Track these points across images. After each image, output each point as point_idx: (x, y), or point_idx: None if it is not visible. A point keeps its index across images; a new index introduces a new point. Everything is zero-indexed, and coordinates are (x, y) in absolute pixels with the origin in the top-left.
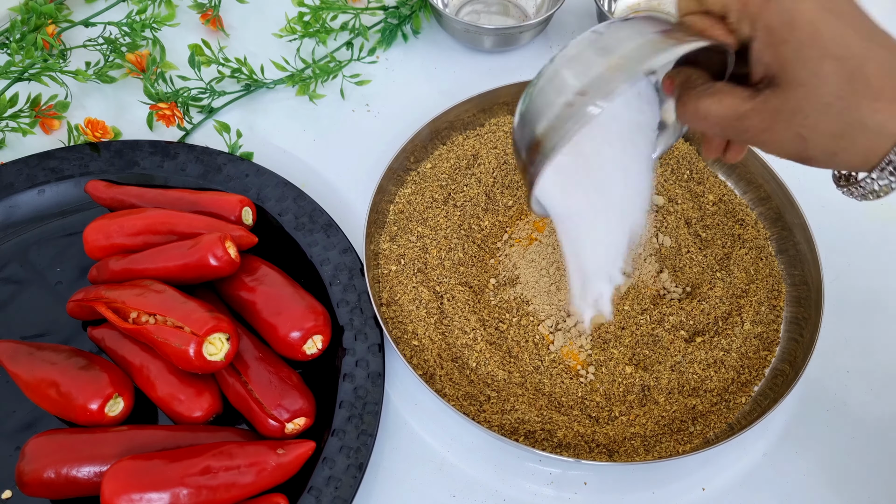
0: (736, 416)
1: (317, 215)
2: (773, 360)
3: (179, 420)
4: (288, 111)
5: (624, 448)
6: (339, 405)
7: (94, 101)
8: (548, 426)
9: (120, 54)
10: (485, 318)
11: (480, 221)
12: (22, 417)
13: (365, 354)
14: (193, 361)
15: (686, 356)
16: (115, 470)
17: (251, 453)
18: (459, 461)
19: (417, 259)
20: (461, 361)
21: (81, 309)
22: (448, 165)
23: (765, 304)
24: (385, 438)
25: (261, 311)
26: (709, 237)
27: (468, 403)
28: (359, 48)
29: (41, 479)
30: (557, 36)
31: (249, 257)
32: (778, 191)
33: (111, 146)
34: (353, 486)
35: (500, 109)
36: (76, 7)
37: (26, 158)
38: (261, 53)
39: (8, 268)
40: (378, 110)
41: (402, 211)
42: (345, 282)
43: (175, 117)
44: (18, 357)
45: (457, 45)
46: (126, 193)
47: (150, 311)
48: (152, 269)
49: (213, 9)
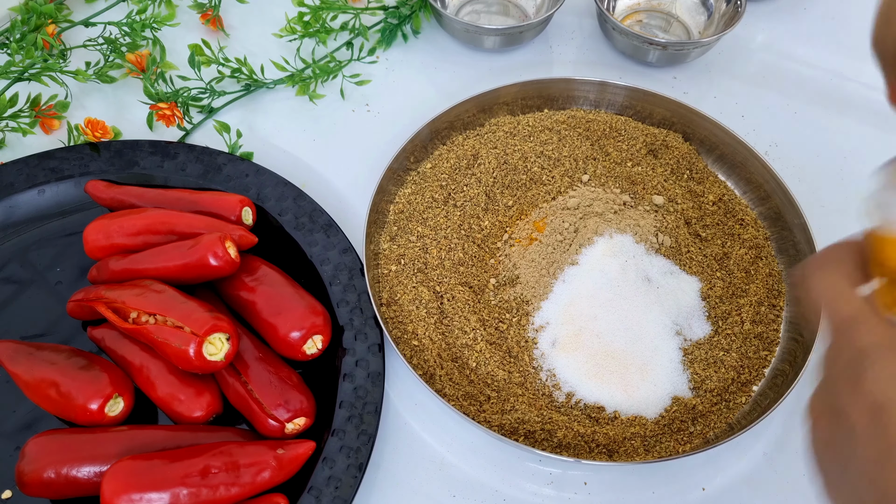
0: (736, 416)
1: (317, 215)
2: (773, 360)
3: (179, 420)
4: (288, 111)
5: (624, 448)
6: (339, 405)
7: (94, 101)
8: (548, 426)
9: (120, 54)
10: (485, 318)
11: (480, 221)
12: (22, 417)
13: (365, 354)
14: (193, 361)
15: (686, 355)
16: (115, 470)
17: (251, 453)
18: (459, 461)
19: (417, 259)
20: (461, 361)
21: (81, 309)
22: (448, 165)
23: (765, 303)
24: (385, 438)
25: (261, 311)
26: (708, 237)
27: (468, 403)
28: (359, 48)
29: (41, 479)
30: (557, 36)
31: (249, 257)
32: (778, 191)
33: (111, 146)
34: (353, 486)
35: (500, 109)
36: (76, 7)
37: (26, 158)
38: (261, 53)
39: (8, 268)
40: (378, 110)
41: (402, 211)
42: (345, 282)
43: (175, 117)
44: (18, 357)
45: (457, 45)
46: (126, 193)
47: (150, 311)
48: (152, 269)
49: (213, 9)
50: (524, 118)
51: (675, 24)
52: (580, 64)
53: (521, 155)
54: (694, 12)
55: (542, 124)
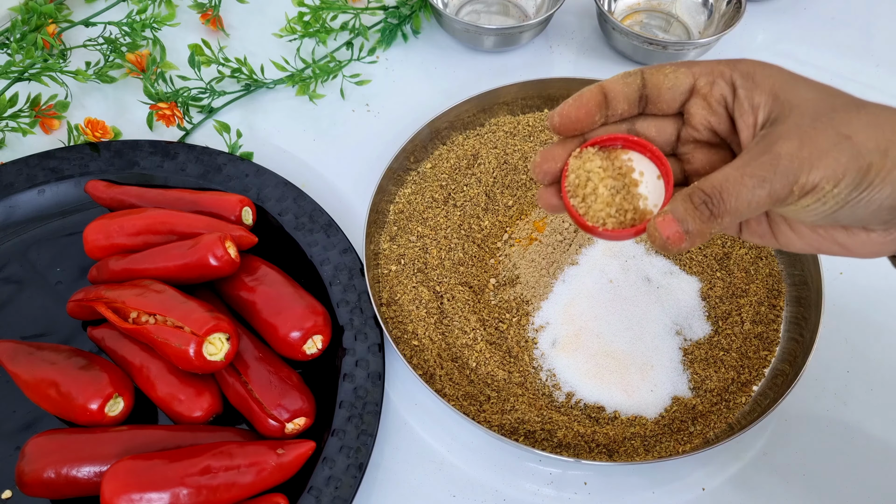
0: (736, 416)
1: (317, 215)
2: (773, 360)
3: (179, 420)
4: (288, 111)
5: (624, 448)
6: (339, 405)
7: (94, 101)
8: (548, 426)
9: (120, 54)
10: (485, 318)
11: (480, 221)
12: (22, 417)
13: (365, 354)
14: (193, 361)
15: (686, 355)
16: (115, 470)
17: (251, 453)
18: (459, 461)
19: (417, 259)
20: (461, 361)
21: (81, 309)
22: (448, 165)
23: (765, 303)
24: (385, 438)
25: (261, 311)
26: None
27: (468, 403)
28: (359, 48)
29: (41, 479)
30: (557, 36)
31: (249, 257)
32: None
33: (111, 146)
34: (353, 486)
35: (500, 109)
36: (76, 7)
37: (26, 158)
38: (261, 53)
39: (8, 268)
40: (378, 110)
41: (402, 211)
42: (345, 282)
43: (175, 117)
44: (18, 357)
45: (457, 45)
46: (126, 193)
47: (150, 310)
48: (152, 269)
49: (213, 9)
50: (524, 118)
51: (676, 24)
52: (580, 64)
53: (521, 155)
54: (694, 12)
55: (542, 124)
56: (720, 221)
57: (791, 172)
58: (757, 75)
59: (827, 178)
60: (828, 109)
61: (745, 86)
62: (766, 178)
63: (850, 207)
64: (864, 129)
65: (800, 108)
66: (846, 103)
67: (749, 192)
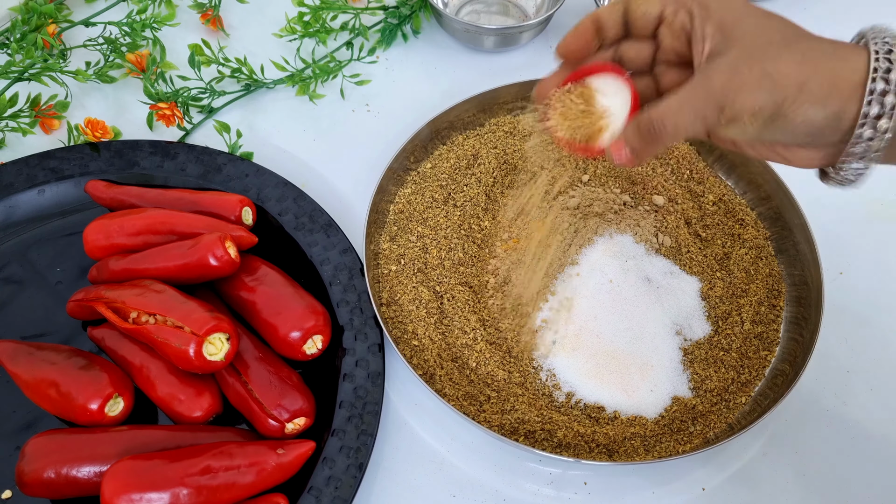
0: (736, 416)
1: (317, 215)
2: (773, 360)
3: (179, 420)
4: (288, 111)
5: (624, 448)
6: (339, 405)
7: (94, 101)
8: (548, 426)
9: (120, 54)
10: (485, 318)
11: (480, 221)
12: (22, 417)
13: (365, 354)
14: (193, 361)
15: (686, 355)
16: (115, 470)
17: (251, 453)
18: (459, 461)
19: (417, 259)
20: (461, 361)
21: (81, 309)
22: (448, 165)
23: (765, 303)
24: (385, 438)
25: (261, 311)
26: (709, 237)
27: (468, 403)
28: (359, 48)
29: (41, 479)
30: (557, 36)
31: (249, 257)
32: (778, 191)
33: (111, 146)
34: (353, 486)
35: (500, 109)
36: (76, 7)
37: (26, 158)
38: (261, 53)
39: (8, 268)
40: (378, 110)
41: (402, 211)
42: (345, 282)
43: (175, 117)
44: (18, 357)
45: (457, 45)
46: (126, 193)
47: (150, 311)
48: (152, 269)
49: (213, 9)
50: (524, 118)
51: None
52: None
53: (522, 155)
54: None
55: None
56: (663, 143)
57: (718, 104)
58: (711, 6)
59: (745, 111)
60: (764, 44)
61: (700, 15)
62: (699, 109)
63: (770, 132)
64: (789, 65)
65: (740, 41)
66: (784, 38)
67: (685, 120)
